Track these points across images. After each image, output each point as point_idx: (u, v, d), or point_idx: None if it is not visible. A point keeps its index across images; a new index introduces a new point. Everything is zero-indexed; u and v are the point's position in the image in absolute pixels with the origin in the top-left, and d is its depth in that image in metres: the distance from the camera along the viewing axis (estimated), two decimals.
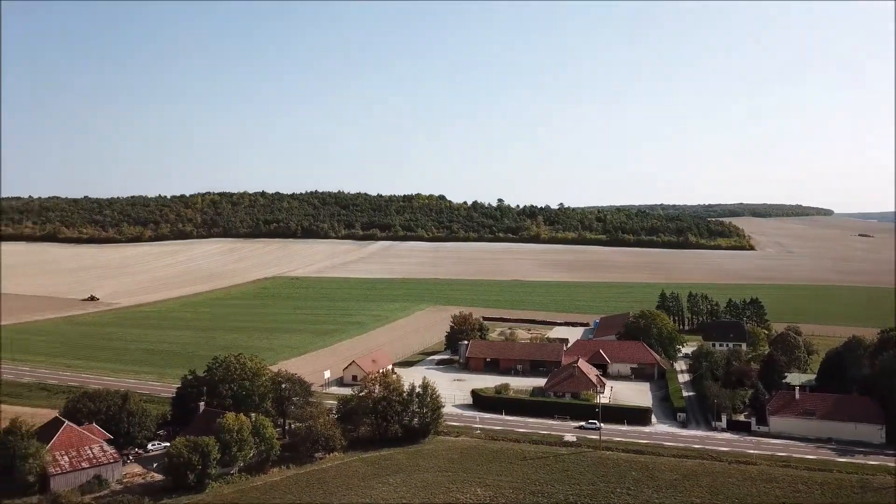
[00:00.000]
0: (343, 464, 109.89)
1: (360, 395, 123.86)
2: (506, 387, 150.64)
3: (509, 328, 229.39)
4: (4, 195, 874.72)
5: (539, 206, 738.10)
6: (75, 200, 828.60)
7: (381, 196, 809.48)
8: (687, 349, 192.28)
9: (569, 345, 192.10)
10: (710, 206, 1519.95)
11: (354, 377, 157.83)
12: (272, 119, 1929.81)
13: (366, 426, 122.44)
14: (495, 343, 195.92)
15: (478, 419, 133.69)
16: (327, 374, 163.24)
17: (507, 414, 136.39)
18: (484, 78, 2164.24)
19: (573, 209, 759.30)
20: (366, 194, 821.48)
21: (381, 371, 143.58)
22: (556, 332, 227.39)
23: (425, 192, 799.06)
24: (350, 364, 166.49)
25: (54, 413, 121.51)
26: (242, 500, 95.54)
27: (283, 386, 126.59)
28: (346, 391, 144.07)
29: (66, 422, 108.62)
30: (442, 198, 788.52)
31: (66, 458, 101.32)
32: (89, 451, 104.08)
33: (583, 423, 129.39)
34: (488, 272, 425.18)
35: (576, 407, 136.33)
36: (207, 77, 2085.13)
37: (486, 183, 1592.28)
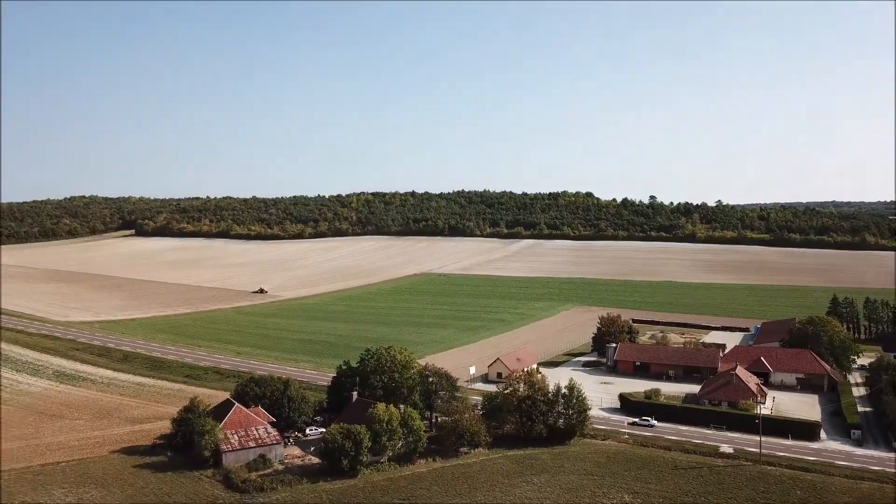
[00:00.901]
0: (487, 460, 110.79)
1: (505, 392, 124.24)
2: (656, 392, 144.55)
3: (661, 331, 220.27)
4: (188, 196, 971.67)
5: (695, 204, 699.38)
6: (245, 200, 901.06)
7: (525, 194, 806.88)
8: (863, 360, 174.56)
9: (726, 350, 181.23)
10: (891, 203, 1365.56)
11: (499, 374, 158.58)
12: (420, 121, 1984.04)
13: (510, 424, 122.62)
14: (645, 346, 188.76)
15: (626, 424, 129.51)
16: (472, 371, 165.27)
17: (657, 420, 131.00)
18: (635, 69, 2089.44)
19: (732, 206, 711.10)
20: (511, 192, 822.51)
21: (525, 370, 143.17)
22: (712, 337, 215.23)
23: (571, 190, 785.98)
24: (495, 361, 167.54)
25: (226, 395, 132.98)
26: (392, 489, 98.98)
27: (431, 380, 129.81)
28: (491, 388, 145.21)
29: (236, 403, 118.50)
30: (589, 195, 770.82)
31: (235, 437, 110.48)
32: (255, 432, 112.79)
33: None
34: (638, 272, 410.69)
35: (733, 417, 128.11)
36: (357, 85, 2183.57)
37: (636, 179, 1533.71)
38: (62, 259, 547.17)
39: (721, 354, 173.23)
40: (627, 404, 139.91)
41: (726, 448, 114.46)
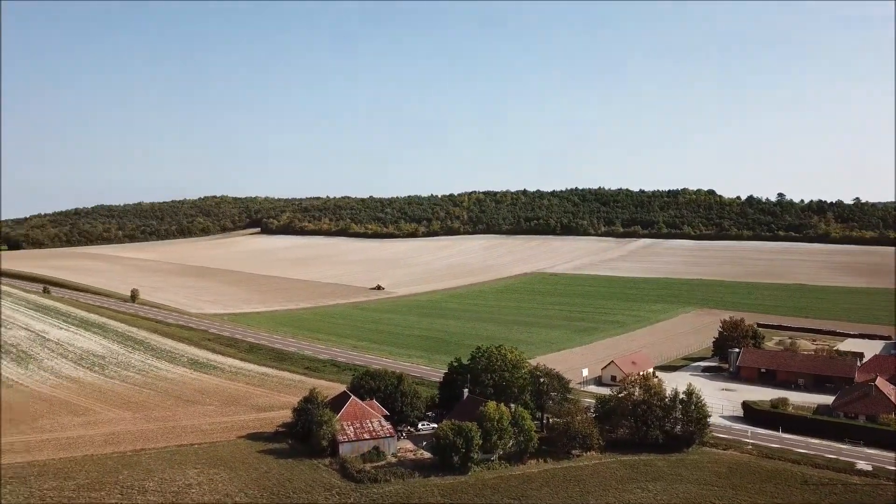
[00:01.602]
0: (600, 464, 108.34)
1: (619, 396, 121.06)
2: (784, 401, 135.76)
3: (789, 337, 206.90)
4: (309, 196, 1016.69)
5: (829, 201, 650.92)
6: (362, 200, 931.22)
7: (643, 192, 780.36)
8: None
9: (864, 360, 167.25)
10: None
11: (613, 377, 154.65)
12: (535, 120, 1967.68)
13: (624, 428, 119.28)
14: (772, 352, 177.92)
15: (749, 434, 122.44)
16: (585, 372, 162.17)
17: (784, 431, 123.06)
18: (757, 59, 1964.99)
19: (872, 204, 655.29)
20: (627, 190, 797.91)
21: (641, 373, 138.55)
22: (848, 345, 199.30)
23: (692, 187, 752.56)
24: (609, 364, 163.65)
25: (342, 387, 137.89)
26: (502, 487, 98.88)
27: (542, 380, 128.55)
28: (604, 391, 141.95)
29: (352, 396, 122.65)
30: (711, 192, 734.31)
31: (351, 429, 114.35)
32: (370, 424, 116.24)
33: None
34: (764, 274, 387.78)
35: (872, 431, 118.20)
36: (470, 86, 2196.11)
37: (762, 176, 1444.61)
38: (196, 254, 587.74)
39: (858, 364, 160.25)
40: (751, 413, 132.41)
41: (864, 465, 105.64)
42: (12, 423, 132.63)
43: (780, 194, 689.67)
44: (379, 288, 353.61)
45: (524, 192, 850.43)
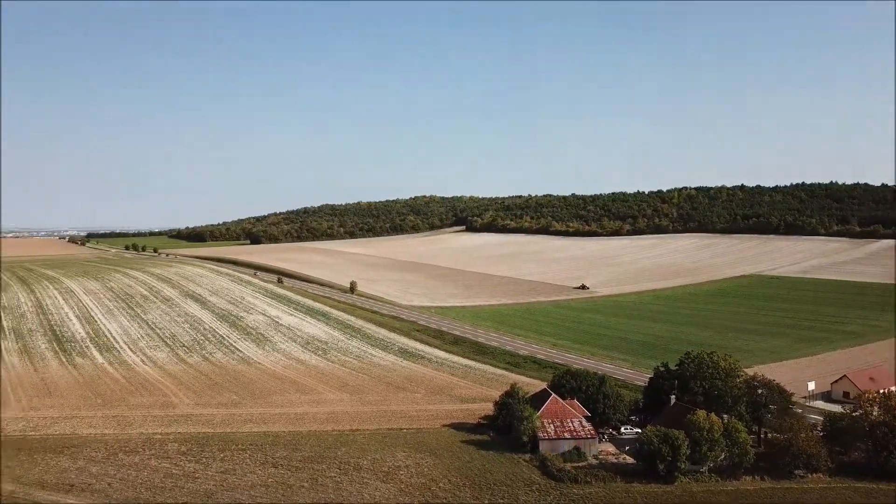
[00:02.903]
0: (828, 488, 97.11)
1: (854, 414, 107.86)
2: None
3: None
4: (511, 195, 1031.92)
5: None
6: (564, 198, 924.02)
7: (886, 186, 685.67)
8: None
9: None
10: None
11: (846, 394, 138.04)
12: (763, 109, 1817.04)
13: (858, 451, 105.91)
14: None
15: None
16: (811, 386, 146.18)
17: None
18: None
19: None
20: (865, 185, 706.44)
21: (881, 391, 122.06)
22: None
23: None
24: (840, 378, 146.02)
25: (543, 385, 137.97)
26: (712, 502, 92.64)
27: (760, 391, 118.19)
28: (835, 408, 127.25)
29: (553, 394, 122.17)
30: None
31: (552, 426, 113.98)
32: (570, 424, 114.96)
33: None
34: None
35: None
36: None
37: None
38: (407, 250, 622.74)
39: None
40: None
41: None
42: (252, 396, 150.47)
43: None
44: (583, 287, 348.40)
45: (741, 187, 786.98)
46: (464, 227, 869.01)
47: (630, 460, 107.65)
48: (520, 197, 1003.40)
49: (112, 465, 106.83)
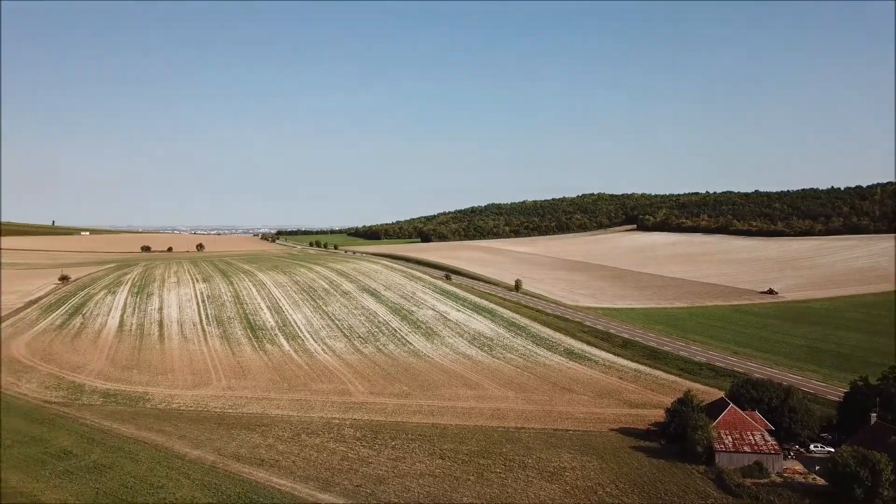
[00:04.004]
0: None
1: None
2: None
3: None
4: (687, 192, 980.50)
5: None
6: (746, 195, 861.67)
7: None
8: None
9: None
10: None
11: None
12: None
13: None
14: None
15: None
16: None
17: None
18: None
19: None
20: None
21: None
22: None
23: None
24: None
25: (720, 393, 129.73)
26: None
27: None
28: None
29: (731, 404, 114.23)
30: None
31: (729, 438, 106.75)
32: (750, 437, 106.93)
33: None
34: None
35: None
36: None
37: None
38: (573, 249, 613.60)
39: None
40: None
41: None
42: (421, 388, 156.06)
43: None
44: (771, 292, 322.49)
45: None
46: (634, 226, 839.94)
47: (820, 481, 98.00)
48: (696, 194, 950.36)
49: (296, 445, 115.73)
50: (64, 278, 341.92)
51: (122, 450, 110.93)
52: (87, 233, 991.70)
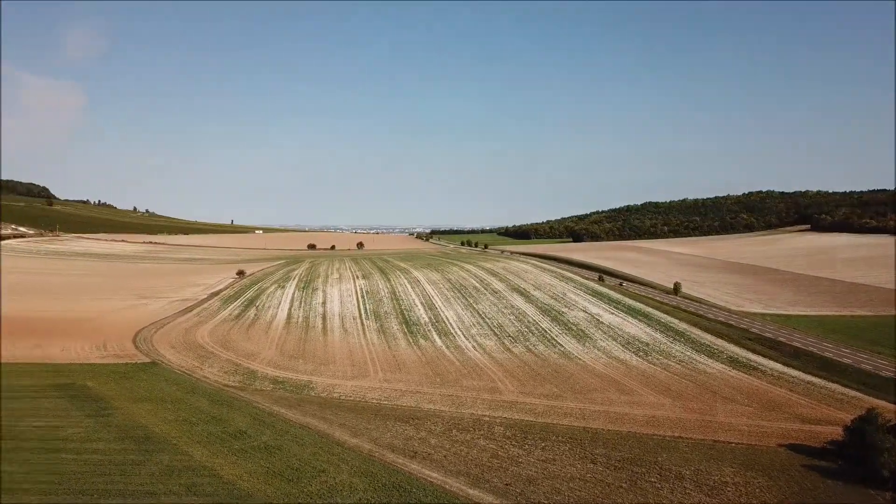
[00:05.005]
0: None
1: None
2: None
3: None
4: (872, 188, 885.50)
5: None
6: None
7: None
8: None
9: None
10: None
11: None
12: None
13: None
14: None
15: None
16: None
17: None
18: None
19: None
20: None
21: None
22: None
23: None
24: None
25: None
26: None
27: None
28: None
29: None
30: None
31: None
32: None
33: None
34: None
35: None
36: None
37: None
38: (738, 251, 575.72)
39: None
40: None
41: None
42: (572, 391, 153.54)
43: None
44: None
45: None
46: (808, 226, 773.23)
47: None
48: (882, 191, 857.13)
49: (447, 440, 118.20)
50: (240, 273, 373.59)
51: (289, 433, 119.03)
52: (261, 231, 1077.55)
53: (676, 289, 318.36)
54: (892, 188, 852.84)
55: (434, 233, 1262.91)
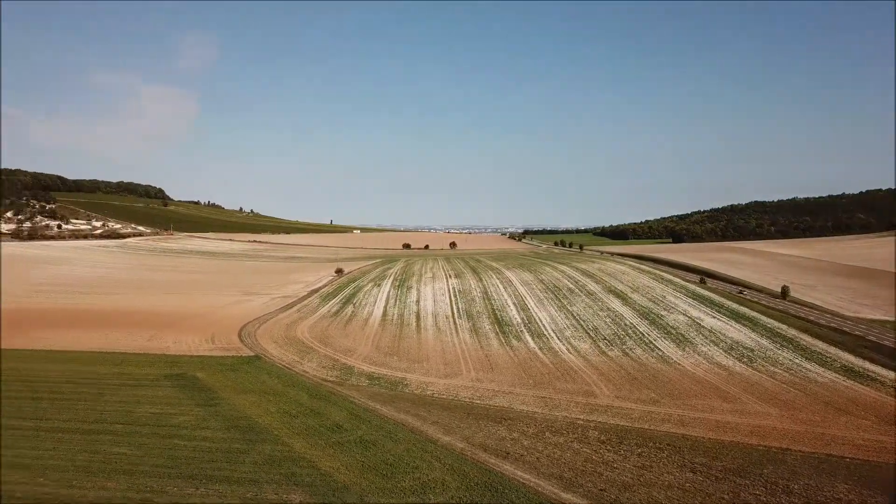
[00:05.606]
0: None
1: None
2: None
3: None
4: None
5: None
6: None
7: None
8: None
9: None
10: None
11: None
12: None
13: None
14: None
15: None
16: None
17: None
18: None
19: None
20: None
21: None
22: None
23: None
24: None
25: None
26: None
27: None
28: None
29: None
30: None
31: None
32: None
33: None
34: None
35: None
36: None
37: None
38: (855, 253, 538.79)
39: None
40: None
41: None
42: (671, 396, 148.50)
43: None
44: None
45: None
46: None
47: None
48: None
49: (540, 442, 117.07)
50: (339, 271, 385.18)
51: (384, 429, 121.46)
52: (358, 231, 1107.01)
53: (784, 293, 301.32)
54: None
55: (527, 233, 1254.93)
